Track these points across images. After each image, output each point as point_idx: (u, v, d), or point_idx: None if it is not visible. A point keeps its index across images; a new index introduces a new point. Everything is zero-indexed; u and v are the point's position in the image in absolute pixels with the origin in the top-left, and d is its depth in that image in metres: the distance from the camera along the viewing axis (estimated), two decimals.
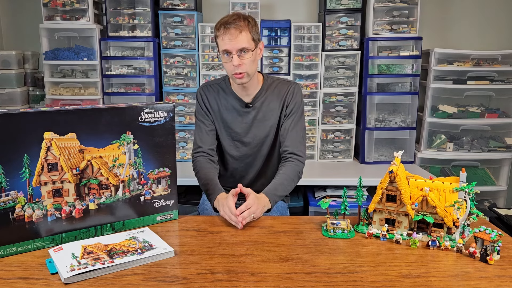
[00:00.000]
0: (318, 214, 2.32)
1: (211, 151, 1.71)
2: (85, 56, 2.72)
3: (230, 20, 1.54)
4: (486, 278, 1.04)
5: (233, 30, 1.52)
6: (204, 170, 1.65)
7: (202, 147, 1.70)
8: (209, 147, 1.71)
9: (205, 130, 1.72)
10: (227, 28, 1.53)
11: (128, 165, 1.31)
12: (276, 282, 1.01)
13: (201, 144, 1.71)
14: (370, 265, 1.10)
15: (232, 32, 1.52)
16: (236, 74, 1.57)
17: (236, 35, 1.52)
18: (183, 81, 2.79)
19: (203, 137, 1.72)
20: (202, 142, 1.71)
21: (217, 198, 1.52)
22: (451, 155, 2.82)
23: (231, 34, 1.52)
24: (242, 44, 1.53)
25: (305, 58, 2.76)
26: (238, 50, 1.54)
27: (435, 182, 1.29)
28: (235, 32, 1.52)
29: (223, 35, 1.54)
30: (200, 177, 1.65)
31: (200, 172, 1.66)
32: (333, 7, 2.74)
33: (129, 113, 1.29)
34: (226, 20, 1.55)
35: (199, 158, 1.69)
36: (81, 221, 1.25)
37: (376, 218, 1.31)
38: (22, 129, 1.12)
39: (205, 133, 1.72)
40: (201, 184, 1.65)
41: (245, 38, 1.54)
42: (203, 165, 1.67)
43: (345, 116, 2.85)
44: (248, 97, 1.71)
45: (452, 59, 2.78)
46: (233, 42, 1.53)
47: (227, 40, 1.53)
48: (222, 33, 1.54)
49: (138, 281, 1.02)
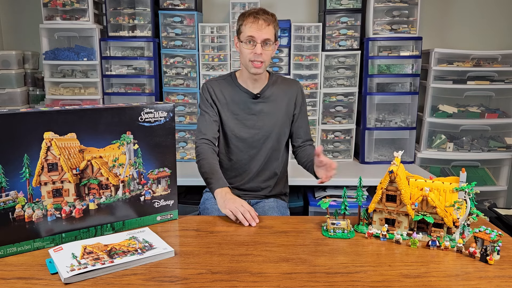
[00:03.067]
0: (318, 214, 2.32)
1: (214, 140, 1.74)
2: (85, 56, 2.72)
3: (260, 12, 1.66)
4: (486, 278, 1.04)
5: (262, 21, 1.64)
6: (209, 160, 1.65)
7: (206, 135, 1.72)
8: (213, 136, 1.74)
9: (209, 120, 1.75)
10: (257, 18, 1.64)
11: (128, 165, 1.31)
12: (276, 282, 1.01)
13: (205, 132, 1.73)
14: (370, 265, 1.10)
15: (261, 22, 1.63)
16: (255, 62, 1.66)
17: (265, 26, 1.64)
18: (183, 81, 2.79)
19: (207, 126, 1.74)
20: (207, 130, 1.74)
21: (224, 189, 1.52)
22: (451, 155, 2.82)
23: (260, 25, 1.63)
24: (268, 35, 1.64)
25: (305, 58, 2.76)
26: (262, 40, 1.64)
27: (435, 182, 1.29)
28: (264, 23, 1.64)
29: (252, 24, 1.64)
30: (203, 165, 1.65)
31: (204, 160, 1.65)
32: (333, 7, 2.74)
33: (129, 113, 1.29)
34: (256, 11, 1.66)
35: (203, 146, 1.70)
36: (81, 221, 1.25)
37: (376, 218, 1.31)
38: (22, 129, 1.12)
39: (209, 122, 1.75)
40: (203, 171, 1.64)
41: (271, 31, 1.66)
42: (207, 153, 1.67)
43: (345, 116, 2.85)
44: (255, 89, 1.77)
45: (452, 59, 2.78)
46: (261, 32, 1.63)
47: (254, 28, 1.63)
48: (251, 22, 1.64)
49: (138, 281, 1.02)
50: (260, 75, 1.73)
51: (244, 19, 1.66)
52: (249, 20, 1.64)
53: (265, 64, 1.68)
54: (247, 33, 1.64)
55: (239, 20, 1.69)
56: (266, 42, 1.65)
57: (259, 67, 1.67)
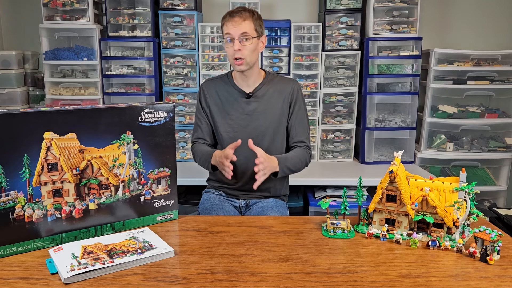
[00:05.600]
0: (318, 214, 2.32)
1: (208, 139, 1.85)
2: (85, 56, 2.72)
3: (236, 10, 1.68)
4: (486, 278, 1.04)
5: (237, 18, 1.65)
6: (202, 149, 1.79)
7: (200, 137, 1.85)
8: (208, 137, 1.85)
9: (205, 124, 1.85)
10: (232, 16, 1.66)
11: (128, 165, 1.31)
12: (276, 282, 1.01)
13: (201, 135, 1.84)
14: (370, 265, 1.10)
15: (236, 19, 1.65)
16: (236, 59, 1.67)
17: (240, 22, 1.64)
18: (183, 81, 2.79)
19: (203, 128, 1.84)
20: (203, 133, 1.84)
21: (214, 154, 1.68)
22: (451, 155, 2.82)
23: (235, 21, 1.65)
24: (244, 29, 1.64)
25: (305, 58, 2.76)
26: (240, 35, 1.64)
27: (435, 182, 1.29)
28: (239, 19, 1.65)
29: (228, 22, 1.66)
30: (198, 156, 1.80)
31: (198, 151, 1.80)
32: (333, 7, 2.74)
33: (129, 113, 1.29)
34: (232, 10, 1.69)
35: (198, 145, 1.83)
36: (81, 221, 1.25)
37: (376, 218, 1.31)
38: (22, 129, 1.12)
39: (205, 125, 1.84)
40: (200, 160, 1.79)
41: (248, 26, 1.65)
42: (202, 147, 1.81)
43: (345, 116, 2.85)
44: (249, 88, 1.78)
45: (452, 59, 2.78)
46: (236, 28, 1.64)
47: (230, 26, 1.65)
48: (227, 20, 1.68)
49: (138, 281, 1.02)
50: (250, 73, 1.74)
51: (222, 21, 1.70)
52: (225, 20, 1.68)
53: (247, 60, 1.67)
54: (225, 31, 1.68)
55: (221, 23, 1.72)
56: (245, 38, 1.64)
57: (240, 64, 1.67)
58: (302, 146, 1.79)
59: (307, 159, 1.78)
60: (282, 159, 1.68)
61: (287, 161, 1.70)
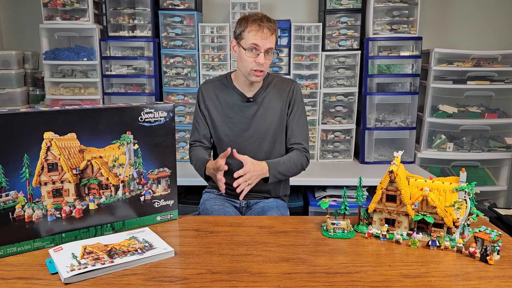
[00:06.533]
0: (318, 214, 2.32)
1: (205, 141, 1.83)
2: (85, 56, 2.72)
3: (264, 19, 1.61)
4: (486, 278, 1.04)
5: (267, 30, 1.60)
6: (198, 155, 1.76)
7: (197, 140, 1.83)
8: (206, 140, 1.83)
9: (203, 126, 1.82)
10: (261, 26, 1.60)
11: (128, 165, 1.31)
12: (276, 282, 1.01)
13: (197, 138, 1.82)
14: (370, 265, 1.10)
15: (266, 31, 1.60)
16: (257, 71, 1.64)
17: (269, 35, 1.61)
18: (183, 81, 2.79)
19: (200, 131, 1.82)
20: (200, 136, 1.82)
21: (207, 166, 1.66)
22: (451, 155, 2.82)
23: (265, 33, 1.60)
24: (271, 44, 1.62)
25: (305, 58, 2.76)
26: (266, 50, 1.61)
27: (435, 182, 1.29)
28: (269, 32, 1.61)
29: (257, 31, 1.60)
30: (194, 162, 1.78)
31: (194, 157, 1.78)
32: (333, 7, 2.74)
33: (129, 113, 1.29)
34: (260, 18, 1.61)
35: (195, 149, 1.82)
36: (81, 221, 1.25)
37: (376, 218, 1.31)
38: (22, 129, 1.12)
39: (202, 128, 1.82)
40: (195, 166, 1.78)
41: (273, 40, 1.64)
42: (198, 152, 1.78)
43: (345, 116, 2.85)
44: (250, 92, 1.76)
45: (452, 59, 2.78)
46: (266, 41, 1.60)
47: (259, 37, 1.60)
48: (255, 29, 1.60)
49: (138, 281, 1.02)
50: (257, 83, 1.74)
51: (247, 25, 1.61)
52: (253, 28, 1.59)
53: (265, 72, 1.68)
54: (250, 41, 1.60)
55: (241, 25, 1.64)
56: (268, 52, 1.62)
57: (259, 76, 1.66)
58: (298, 148, 1.75)
59: (303, 163, 1.74)
60: (273, 165, 1.64)
61: (279, 166, 1.65)
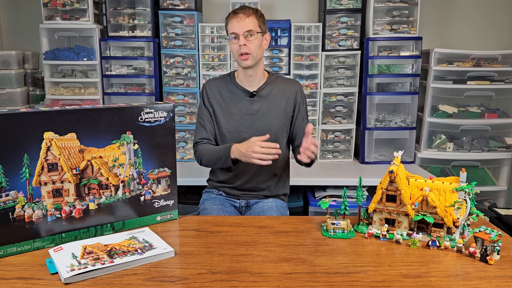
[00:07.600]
0: (318, 214, 2.32)
1: (214, 140, 1.83)
2: (85, 56, 2.72)
3: (239, 8, 1.71)
4: (486, 278, 1.04)
5: (241, 14, 1.67)
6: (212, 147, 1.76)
7: (205, 137, 1.81)
8: (213, 137, 1.82)
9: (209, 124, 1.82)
10: (236, 14, 1.68)
11: (128, 165, 1.31)
12: (276, 282, 1.01)
13: (205, 136, 1.81)
14: (370, 265, 1.10)
15: (240, 16, 1.67)
16: (242, 55, 1.67)
17: (244, 18, 1.66)
18: (183, 81, 2.79)
19: (207, 128, 1.81)
20: (207, 133, 1.81)
21: (232, 148, 1.63)
22: (451, 155, 2.82)
23: (239, 18, 1.67)
24: (249, 26, 1.66)
25: (305, 58, 2.76)
26: (245, 32, 1.66)
27: (435, 182, 1.29)
28: (243, 16, 1.67)
29: (232, 19, 1.68)
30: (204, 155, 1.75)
31: (206, 150, 1.76)
32: (333, 7, 2.74)
33: (129, 113, 1.29)
34: (235, 9, 1.71)
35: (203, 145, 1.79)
36: (81, 221, 1.25)
37: (376, 218, 1.31)
38: (22, 129, 1.12)
39: (208, 125, 1.81)
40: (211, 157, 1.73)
41: (252, 22, 1.67)
42: (209, 146, 1.77)
43: (345, 116, 2.85)
44: (253, 87, 1.78)
45: (452, 59, 2.78)
46: (241, 24, 1.66)
47: (235, 23, 1.67)
48: (231, 18, 1.68)
49: (138, 281, 1.02)
50: (255, 72, 1.75)
51: (227, 20, 1.71)
52: (230, 18, 1.69)
53: (253, 55, 1.69)
54: (229, 30, 1.69)
55: (225, 22, 1.73)
56: (249, 34, 1.66)
57: (246, 59, 1.68)
58: None
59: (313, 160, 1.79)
60: None
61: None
